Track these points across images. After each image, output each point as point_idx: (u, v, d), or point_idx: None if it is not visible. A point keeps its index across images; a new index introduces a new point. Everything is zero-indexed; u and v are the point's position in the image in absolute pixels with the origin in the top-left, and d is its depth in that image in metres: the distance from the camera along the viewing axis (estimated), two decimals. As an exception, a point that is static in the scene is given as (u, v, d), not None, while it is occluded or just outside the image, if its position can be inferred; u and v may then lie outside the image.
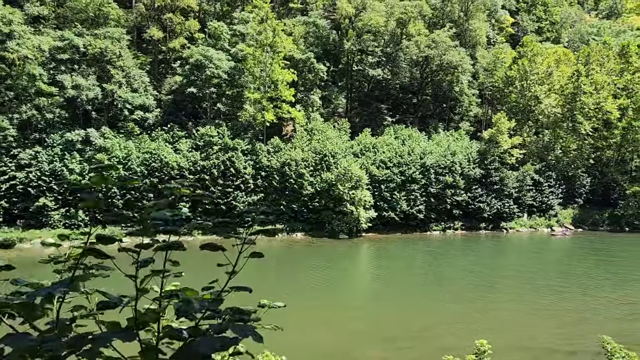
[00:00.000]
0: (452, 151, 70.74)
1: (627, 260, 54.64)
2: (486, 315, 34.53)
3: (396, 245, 62.37)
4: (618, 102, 77.73)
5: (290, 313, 30.31)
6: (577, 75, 74.98)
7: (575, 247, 64.12)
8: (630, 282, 44.07)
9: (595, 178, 77.48)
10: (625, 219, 72.84)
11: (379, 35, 78.47)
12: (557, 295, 39.92)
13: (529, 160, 74.79)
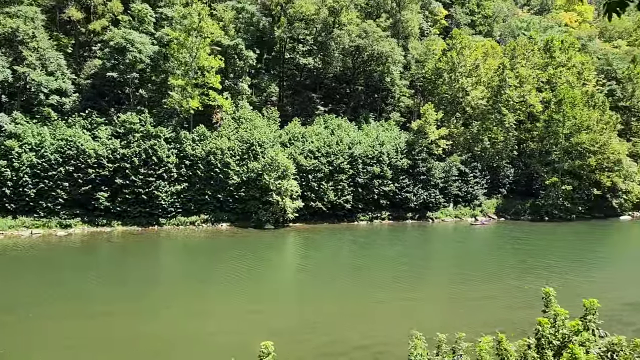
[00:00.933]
0: (380, 141, 71.26)
1: (540, 249, 56.75)
2: (391, 305, 34.86)
3: (323, 235, 62.34)
4: (541, 96, 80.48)
5: (194, 303, 29.26)
6: (503, 69, 76.96)
7: (494, 236, 66.08)
8: (537, 269, 45.70)
9: (519, 169, 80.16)
10: (545, 208, 75.77)
11: (311, 24, 77.75)
12: (466, 284, 40.79)
13: (455, 151, 76.43)
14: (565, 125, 75.70)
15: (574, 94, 75.83)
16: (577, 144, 75.16)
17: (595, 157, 74.71)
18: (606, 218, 77.61)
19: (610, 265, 47.98)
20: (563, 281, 41.34)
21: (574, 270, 45.52)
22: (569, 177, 75.90)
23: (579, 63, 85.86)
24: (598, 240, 63.98)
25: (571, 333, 10.88)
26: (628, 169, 78.59)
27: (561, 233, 67.05)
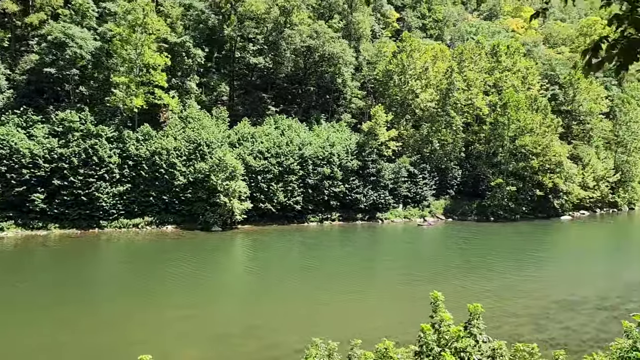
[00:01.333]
0: (331, 142, 71.17)
1: (485, 249, 57.90)
2: (334, 307, 34.59)
3: (272, 237, 61.66)
4: (488, 99, 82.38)
5: (121, 310, 27.85)
6: (451, 72, 78.31)
7: (442, 236, 67.16)
8: (480, 269, 46.50)
9: (467, 170, 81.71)
10: (491, 209, 77.55)
11: (261, 23, 76.91)
12: (411, 284, 41.03)
13: (405, 153, 77.19)
14: (510, 128, 77.75)
15: (518, 98, 77.98)
16: (521, 146, 77.31)
17: (537, 159, 77.06)
18: (548, 218, 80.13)
19: (548, 265, 49.35)
20: (502, 280, 42.24)
21: (514, 269, 46.58)
22: (513, 178, 77.99)
23: (524, 68, 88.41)
24: (539, 240, 65.82)
25: (452, 339, 10.70)
26: (568, 170, 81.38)
27: (505, 233, 68.71)
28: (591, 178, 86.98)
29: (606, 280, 43.01)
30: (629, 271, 46.91)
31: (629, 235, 73.16)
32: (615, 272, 46.54)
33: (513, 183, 77.30)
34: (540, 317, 32.29)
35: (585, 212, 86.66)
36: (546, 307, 34.46)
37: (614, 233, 74.37)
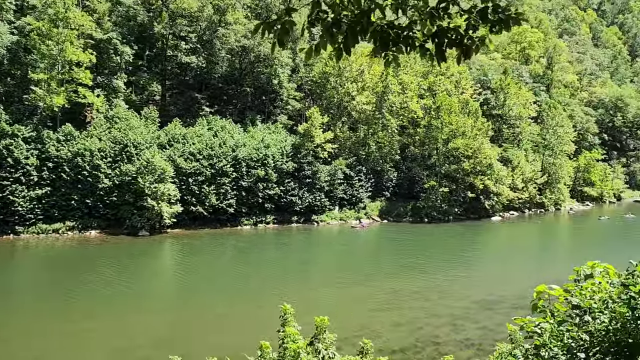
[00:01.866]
0: (266, 144, 70.11)
1: (416, 250, 58.44)
2: (254, 313, 33.58)
3: (203, 241, 59.91)
4: (422, 102, 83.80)
5: (13, 323, 25.29)
6: (386, 75, 79.06)
7: (377, 238, 67.59)
8: (409, 270, 46.75)
9: (402, 172, 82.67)
10: (425, 210, 78.81)
11: (194, 21, 74.84)
12: (338, 287, 40.63)
13: (341, 155, 77.18)
14: (443, 131, 79.35)
15: (450, 102, 79.74)
16: (453, 149, 79.07)
17: (469, 162, 79.06)
18: (480, 219, 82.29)
19: (475, 265, 50.34)
20: (430, 281, 42.57)
21: (442, 270, 47.10)
22: (446, 180, 79.64)
23: (457, 72, 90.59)
24: (469, 240, 67.25)
25: (291, 357, 10.02)
26: (499, 172, 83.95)
27: (437, 234, 69.87)
28: (520, 180, 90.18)
29: (528, 278, 43.97)
30: (549, 269, 48.44)
31: (555, 235, 76.17)
32: (537, 271, 47.90)
33: (446, 185, 78.96)
34: (460, 318, 32.59)
35: (515, 213, 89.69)
36: (467, 308, 34.87)
37: (541, 233, 77.28)
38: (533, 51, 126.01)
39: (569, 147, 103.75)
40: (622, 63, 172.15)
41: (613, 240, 68.90)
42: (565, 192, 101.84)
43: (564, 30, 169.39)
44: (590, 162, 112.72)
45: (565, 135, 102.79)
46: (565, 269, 33.50)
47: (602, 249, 62.15)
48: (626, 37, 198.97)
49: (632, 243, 65.85)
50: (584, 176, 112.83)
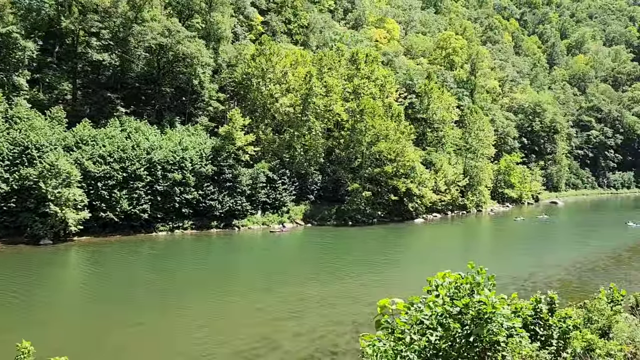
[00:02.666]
0: (184, 147, 67.44)
1: (338, 254, 57.87)
2: (150, 328, 31.47)
3: (113, 249, 56.44)
4: (347, 105, 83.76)
5: None
6: (310, 77, 78.31)
7: (300, 242, 66.52)
8: (326, 274, 45.87)
9: (327, 175, 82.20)
10: (349, 213, 78.70)
11: (107, 17, 70.96)
12: (246, 296, 39.08)
13: (264, 158, 75.65)
14: (367, 134, 79.57)
15: (374, 105, 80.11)
16: (377, 152, 79.43)
17: (392, 165, 79.68)
18: (403, 221, 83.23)
19: (390, 268, 50.17)
20: (341, 286, 41.85)
21: (356, 274, 46.61)
22: (370, 183, 79.87)
23: (382, 76, 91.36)
24: (390, 243, 67.57)
25: None
26: (421, 175, 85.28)
27: (360, 237, 69.76)
28: (443, 182, 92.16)
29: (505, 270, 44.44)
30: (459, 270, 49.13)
31: (471, 236, 78.10)
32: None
33: (369, 188, 79.16)
34: (364, 325, 31.83)
35: (438, 215, 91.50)
36: (372, 314, 34.20)
37: (459, 234, 79.08)
38: (457, 57, 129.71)
39: (489, 151, 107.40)
40: (541, 71, 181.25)
41: (521, 241, 71.57)
42: (486, 194, 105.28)
43: (488, 38, 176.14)
44: (510, 165, 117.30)
45: (486, 139, 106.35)
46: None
47: (509, 249, 64.30)
48: (545, 46, 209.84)
49: (537, 242, 68.58)
50: (504, 178, 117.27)
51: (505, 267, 51.71)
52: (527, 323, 20.57)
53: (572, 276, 46.45)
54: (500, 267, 51.33)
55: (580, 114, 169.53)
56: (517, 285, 42.68)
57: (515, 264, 53.12)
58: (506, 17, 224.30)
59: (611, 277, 46.02)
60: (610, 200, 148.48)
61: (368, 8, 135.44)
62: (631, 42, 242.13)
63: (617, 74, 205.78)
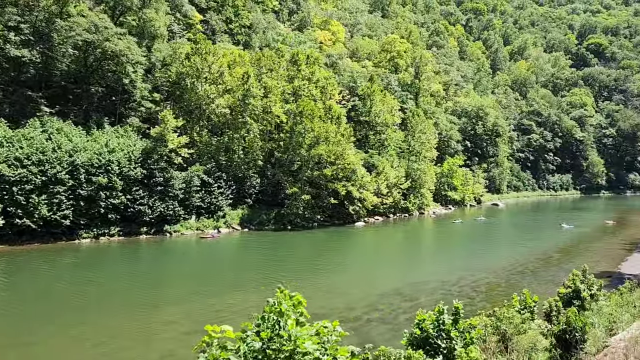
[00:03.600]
0: (110, 149, 64.00)
1: (273, 260, 55.97)
2: (47, 345, 28.72)
3: (27, 258, 52.46)
4: (287, 107, 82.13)
5: None
6: (247, 78, 76.27)
7: (228, 249, 64.13)
8: (239, 285, 43.90)
9: (267, 179, 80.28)
10: (288, 217, 77.07)
11: (28, 10, 66.62)
12: (157, 308, 36.71)
13: (199, 161, 73.01)
14: (307, 137, 78.17)
15: (313, 107, 78.84)
16: (316, 155, 78.13)
17: (332, 168, 78.60)
18: (344, 225, 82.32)
19: (320, 274, 48.70)
20: (260, 295, 39.90)
21: (282, 281, 44.84)
22: (309, 186, 78.48)
23: (323, 78, 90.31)
24: (327, 247, 66.27)
25: None
26: (362, 178, 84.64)
27: (297, 242, 68.23)
28: (385, 185, 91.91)
29: (366, 287, 43.41)
30: (388, 277, 48.34)
31: (412, 239, 77.87)
32: (379, 279, 47.57)
33: (309, 191, 77.77)
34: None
35: (380, 218, 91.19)
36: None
37: (399, 237, 78.78)
38: (402, 60, 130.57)
39: (431, 153, 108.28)
40: (485, 75, 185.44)
41: (456, 243, 71.91)
42: (428, 197, 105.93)
43: (434, 42, 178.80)
44: (452, 168, 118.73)
45: (428, 142, 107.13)
46: (403, 276, 32.22)
47: (443, 252, 64.29)
48: (489, 51, 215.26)
49: (472, 244, 68.96)
50: (447, 181, 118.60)
51: (437, 270, 51.42)
52: (429, 336, 19.47)
53: (500, 279, 46.39)
54: (431, 271, 51.03)
55: (522, 118, 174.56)
56: (445, 290, 42.18)
57: (446, 267, 52.86)
58: (452, 23, 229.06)
59: (539, 279, 46.36)
60: (549, 202, 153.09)
61: (313, 10, 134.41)
62: (570, 49, 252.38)
63: (556, 79, 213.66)
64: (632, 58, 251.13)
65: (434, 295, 40.39)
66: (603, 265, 53.61)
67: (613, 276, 47.60)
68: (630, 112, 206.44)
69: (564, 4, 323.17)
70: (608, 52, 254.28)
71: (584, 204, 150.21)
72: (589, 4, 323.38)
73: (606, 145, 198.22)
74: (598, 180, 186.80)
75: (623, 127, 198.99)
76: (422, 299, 38.85)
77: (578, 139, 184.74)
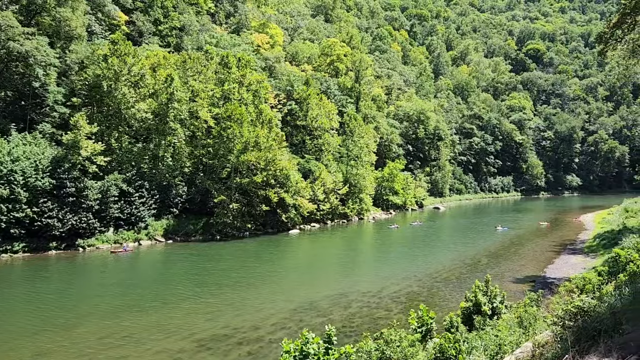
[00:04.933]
0: (14, 158, 58.64)
1: (173, 277, 52.23)
2: None
3: None
4: (215, 111, 78.53)
5: None
6: (171, 81, 72.29)
7: (146, 263, 59.78)
8: (139, 304, 40.16)
9: (194, 186, 76.31)
10: (216, 227, 73.43)
11: None
12: (55, 331, 32.56)
13: (118, 169, 68.38)
14: (236, 142, 74.81)
15: (241, 111, 75.62)
16: (246, 161, 74.88)
17: (262, 174, 75.50)
18: (278, 233, 79.33)
19: (229, 290, 45.32)
20: (165, 315, 36.48)
21: (191, 299, 41.45)
22: (239, 194, 75.11)
23: (255, 81, 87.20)
24: (253, 258, 62.65)
25: None
26: (297, 184, 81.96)
27: (225, 253, 64.49)
28: (321, 191, 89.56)
29: (281, 302, 40.51)
30: (312, 289, 45.72)
31: (344, 246, 75.41)
32: (298, 291, 44.79)
33: (238, 199, 74.42)
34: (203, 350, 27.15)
35: (316, 225, 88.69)
36: (182, 349, 29.42)
37: (333, 245, 76.21)
38: (341, 64, 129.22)
39: (369, 158, 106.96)
40: (427, 80, 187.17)
41: (387, 249, 70.28)
42: (368, 202, 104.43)
43: (377, 47, 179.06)
44: (393, 172, 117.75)
45: (367, 146, 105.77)
46: (324, 287, 28.55)
47: (371, 260, 62.37)
48: (432, 56, 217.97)
49: (402, 250, 67.36)
50: (388, 185, 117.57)
51: (361, 279, 49.17)
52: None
53: (423, 288, 44.52)
54: (354, 281, 48.68)
55: (463, 122, 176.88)
56: (363, 302, 39.91)
57: (372, 276, 50.75)
58: (397, 28, 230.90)
59: (461, 286, 44.75)
60: (491, 204, 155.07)
61: (251, 13, 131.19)
62: (510, 55, 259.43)
63: (496, 83, 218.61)
64: (568, 63, 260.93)
65: (349, 309, 38.00)
66: (529, 269, 52.86)
67: (537, 281, 46.70)
68: (567, 115, 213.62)
69: (505, 11, 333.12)
70: (546, 58, 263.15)
71: (523, 205, 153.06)
72: (528, 11, 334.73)
73: (545, 147, 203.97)
74: (537, 182, 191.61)
75: (560, 130, 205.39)
76: (335, 314, 36.34)
77: (518, 142, 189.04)
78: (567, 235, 79.76)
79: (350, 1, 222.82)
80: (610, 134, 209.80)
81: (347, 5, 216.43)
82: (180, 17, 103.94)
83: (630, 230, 64.07)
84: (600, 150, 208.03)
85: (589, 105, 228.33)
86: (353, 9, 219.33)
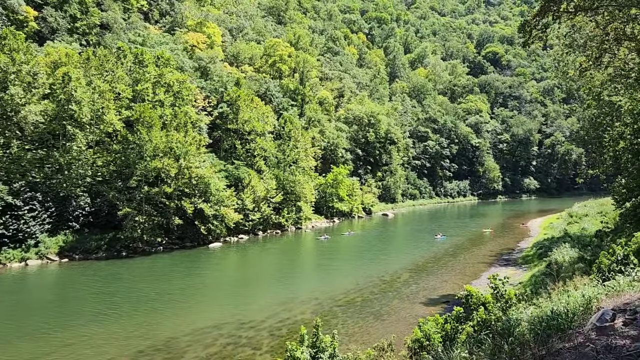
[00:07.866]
0: None
1: (53, 303, 45.11)
2: None
3: None
4: (125, 114, 71.36)
5: None
6: (69, 80, 64.91)
7: (22, 289, 52.25)
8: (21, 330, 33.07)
9: (99, 198, 68.79)
10: (123, 242, 66.15)
11: None
12: None
13: (5, 179, 60.58)
14: (145, 148, 67.77)
15: (151, 114, 68.67)
16: (156, 168, 67.87)
17: (174, 183, 68.59)
18: (197, 246, 72.48)
19: (125, 315, 38.48)
20: (35, 345, 29.42)
21: (72, 328, 34.41)
22: (148, 205, 68.00)
23: (176, 82, 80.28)
24: (163, 275, 55.56)
25: None
26: (219, 193, 75.20)
27: (127, 271, 57.17)
28: (251, 200, 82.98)
29: (132, 340, 33.74)
30: (215, 313, 39.18)
31: (268, 262, 68.81)
32: (162, 324, 37.95)
33: (148, 211, 67.29)
34: None
35: (245, 236, 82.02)
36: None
37: (256, 260, 69.57)
38: (284, 65, 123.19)
39: (307, 163, 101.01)
40: (381, 82, 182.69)
41: (302, 265, 64.25)
42: (307, 210, 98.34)
43: (329, 49, 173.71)
44: (338, 178, 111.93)
45: (305, 151, 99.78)
46: (198, 317, 19.46)
47: (278, 278, 56.12)
48: (388, 59, 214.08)
49: (320, 265, 61.28)
50: (333, 192, 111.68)
51: (250, 305, 42.62)
52: None
53: (317, 313, 38.27)
54: (241, 307, 42.11)
55: (418, 125, 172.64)
56: (233, 338, 33.56)
57: (266, 299, 44.36)
58: (355, 31, 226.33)
59: (362, 312, 38.84)
60: (446, 210, 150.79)
61: (189, 11, 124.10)
62: (468, 58, 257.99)
63: (453, 86, 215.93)
64: (526, 66, 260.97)
65: (209, 348, 31.49)
66: (450, 285, 47.37)
67: (451, 302, 41.02)
68: (524, 118, 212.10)
69: (465, 15, 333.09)
70: (504, 61, 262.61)
71: (478, 210, 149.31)
72: (488, 15, 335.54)
73: (502, 150, 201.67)
74: (495, 185, 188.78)
75: (517, 133, 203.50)
76: (186, 356, 29.77)
77: (474, 145, 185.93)
78: (508, 244, 75.07)
79: (307, 3, 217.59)
80: (567, 136, 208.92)
81: (303, 7, 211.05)
82: (103, 14, 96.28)
83: (570, 237, 59.62)
84: (557, 152, 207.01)
85: (546, 107, 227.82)
86: (310, 11, 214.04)
